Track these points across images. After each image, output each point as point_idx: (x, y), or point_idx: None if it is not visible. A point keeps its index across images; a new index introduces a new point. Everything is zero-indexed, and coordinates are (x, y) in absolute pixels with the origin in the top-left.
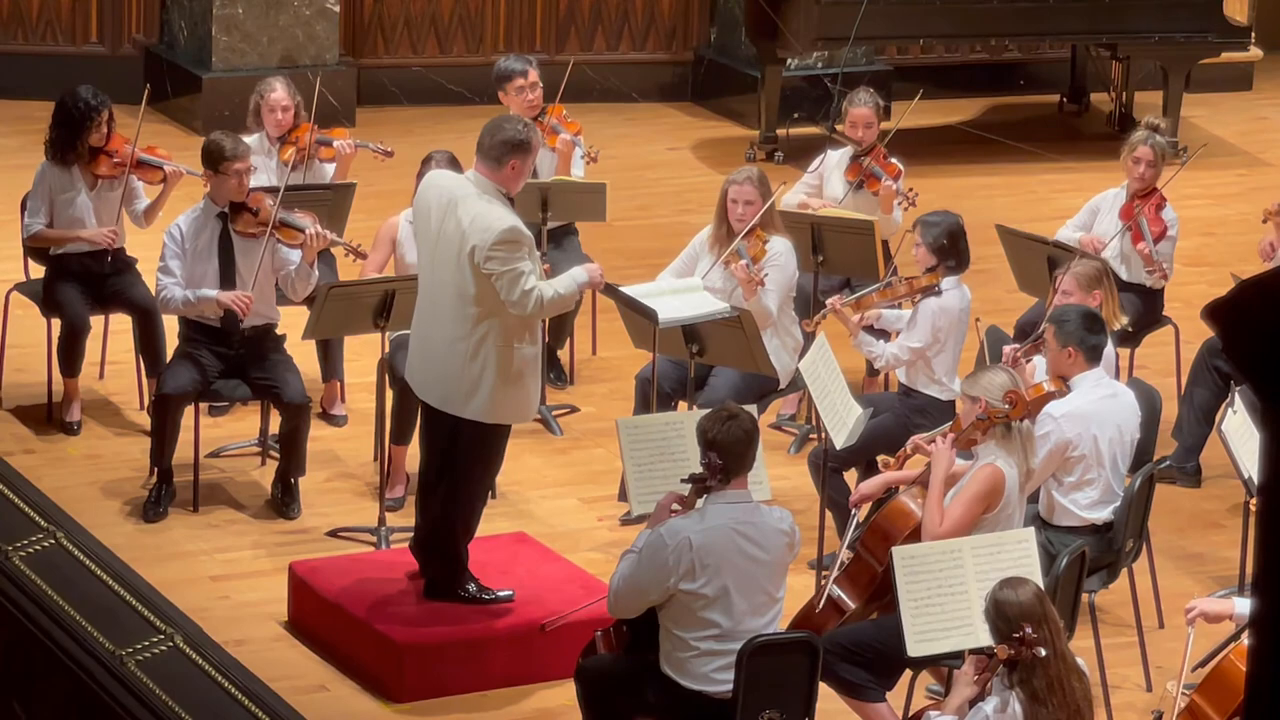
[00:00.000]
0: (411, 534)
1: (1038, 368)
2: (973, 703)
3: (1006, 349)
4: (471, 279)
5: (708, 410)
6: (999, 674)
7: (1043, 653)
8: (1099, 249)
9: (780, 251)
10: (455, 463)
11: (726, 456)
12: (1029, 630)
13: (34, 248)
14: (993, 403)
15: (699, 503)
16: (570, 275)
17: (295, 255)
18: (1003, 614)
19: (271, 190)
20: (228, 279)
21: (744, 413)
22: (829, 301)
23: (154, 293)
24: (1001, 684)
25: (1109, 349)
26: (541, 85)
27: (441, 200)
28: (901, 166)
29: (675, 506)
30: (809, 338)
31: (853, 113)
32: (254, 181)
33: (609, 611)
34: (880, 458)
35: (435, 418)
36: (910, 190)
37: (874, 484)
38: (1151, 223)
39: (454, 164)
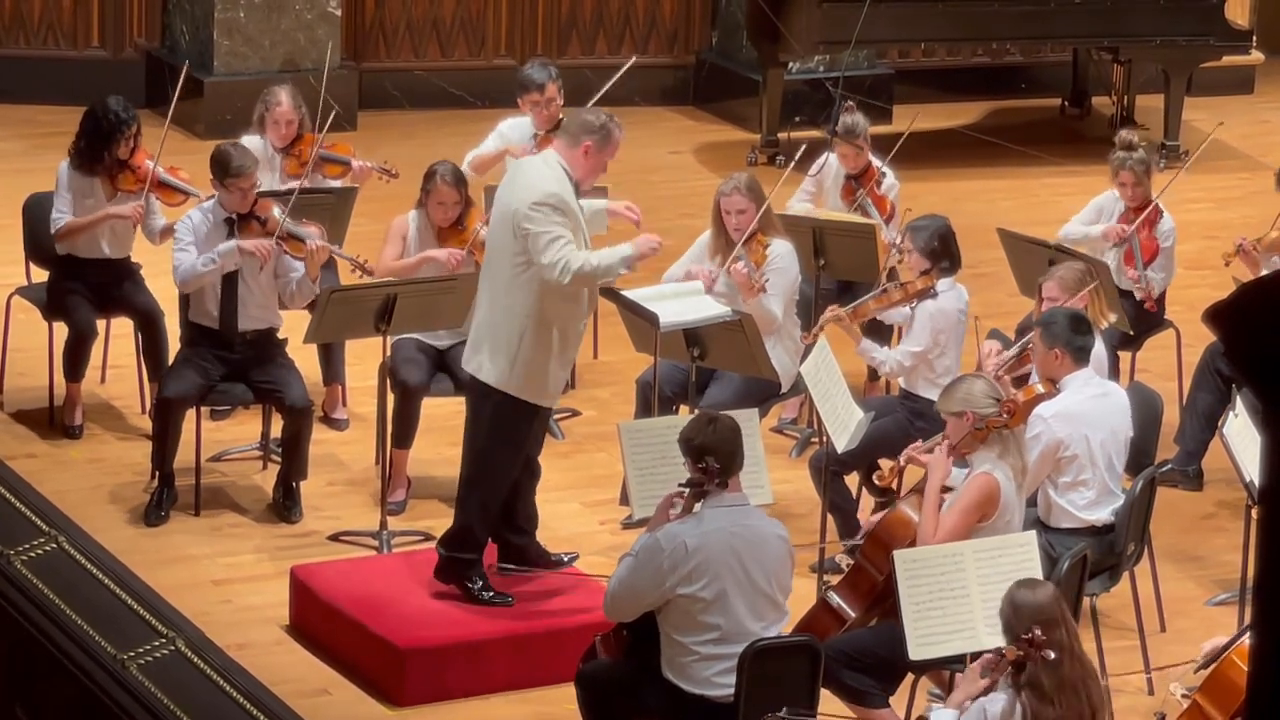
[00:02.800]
0: (423, 536)
1: (1031, 373)
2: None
3: (989, 364)
4: (514, 242)
5: (685, 424)
6: (1006, 674)
7: (1051, 655)
8: (1123, 236)
9: (781, 254)
10: (478, 438)
11: (721, 458)
12: (1038, 632)
13: (35, 248)
14: (983, 412)
15: (696, 507)
16: (615, 249)
17: (299, 265)
18: (1018, 613)
19: (279, 195)
20: (229, 282)
21: (721, 415)
22: (829, 310)
23: (172, 269)
24: (1006, 683)
25: (1099, 349)
26: (561, 99)
27: (510, 173)
28: (894, 194)
29: (673, 511)
30: (818, 336)
31: (839, 150)
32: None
33: (605, 614)
34: (881, 461)
35: (472, 393)
36: (900, 237)
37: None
38: (1145, 242)
39: (458, 176)
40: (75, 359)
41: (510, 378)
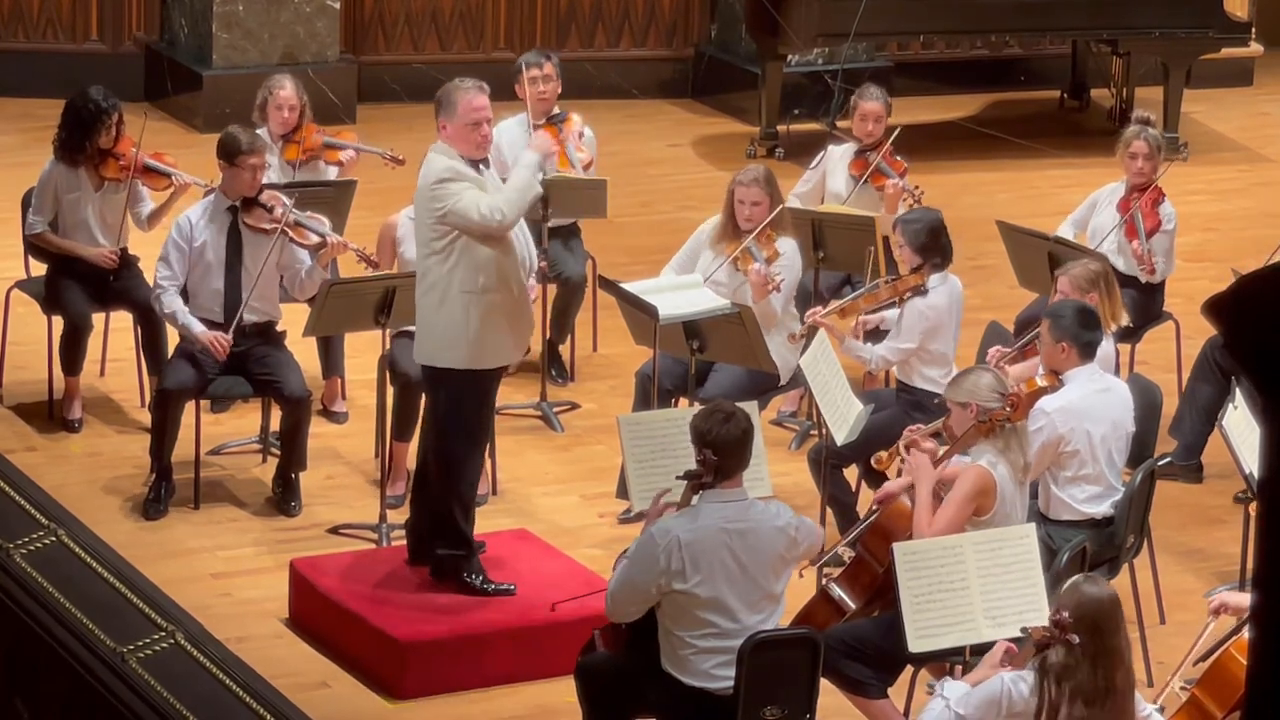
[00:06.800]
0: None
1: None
2: None
3: (992, 353)
4: (426, 229)
5: (701, 408)
6: (1032, 660)
7: (1075, 639)
8: (1128, 207)
9: (789, 253)
10: (438, 427)
11: (724, 455)
12: (1065, 615)
13: (36, 245)
14: (987, 404)
15: (694, 499)
16: (519, 164)
17: (305, 255)
18: (1064, 598)
19: (279, 188)
20: (233, 273)
21: (740, 411)
22: (808, 314)
23: (151, 284)
24: (1033, 665)
25: (1108, 347)
26: (557, 82)
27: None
28: (905, 164)
29: (668, 507)
30: (805, 339)
31: (863, 106)
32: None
33: (609, 616)
34: (876, 454)
35: (426, 384)
36: (916, 187)
37: (900, 484)
38: (1147, 218)
39: None
40: (71, 352)
41: (464, 354)
